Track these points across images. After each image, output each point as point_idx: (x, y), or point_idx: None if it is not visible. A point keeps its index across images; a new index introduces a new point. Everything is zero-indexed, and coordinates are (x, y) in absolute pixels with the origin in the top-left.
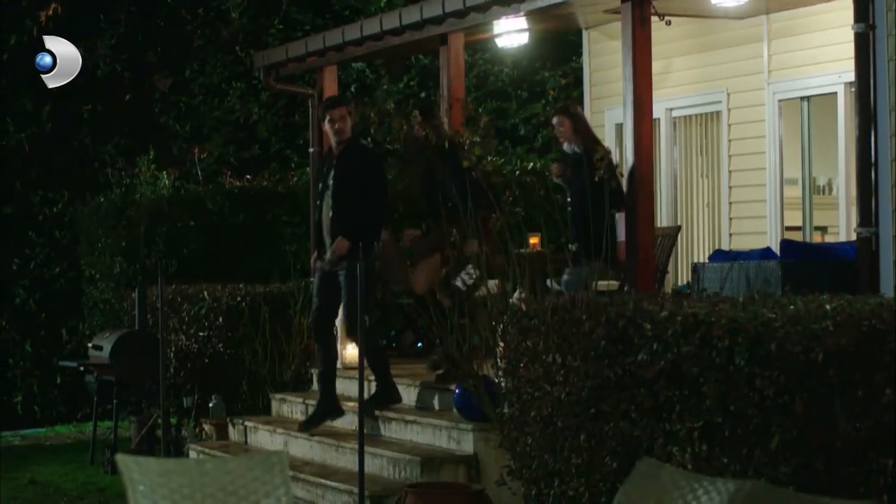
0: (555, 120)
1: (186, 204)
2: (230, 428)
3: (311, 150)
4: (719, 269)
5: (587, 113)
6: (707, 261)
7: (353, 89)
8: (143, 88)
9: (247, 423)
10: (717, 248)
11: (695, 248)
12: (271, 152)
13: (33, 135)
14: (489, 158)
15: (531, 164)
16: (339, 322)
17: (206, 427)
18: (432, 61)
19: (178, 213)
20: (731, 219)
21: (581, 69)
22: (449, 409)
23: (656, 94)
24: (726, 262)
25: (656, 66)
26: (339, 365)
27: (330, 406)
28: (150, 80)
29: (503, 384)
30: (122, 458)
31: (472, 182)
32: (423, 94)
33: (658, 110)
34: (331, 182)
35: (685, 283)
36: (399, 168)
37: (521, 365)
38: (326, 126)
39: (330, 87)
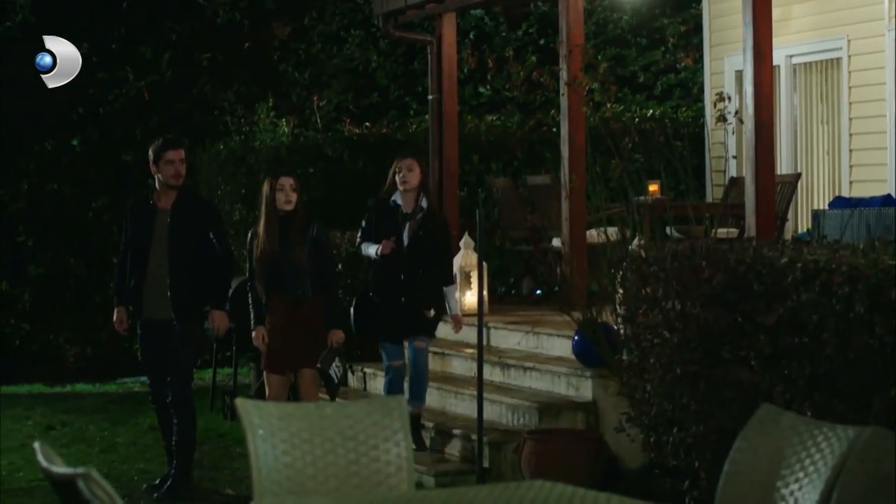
0: (406, 162)
1: (306, 151)
2: (349, 374)
3: (430, 97)
4: (839, 217)
5: (706, 59)
6: (827, 208)
7: (471, 36)
8: (262, 36)
9: (366, 369)
10: (837, 195)
11: (815, 196)
12: (390, 99)
13: (153, 83)
14: (608, 105)
15: (650, 111)
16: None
17: None
18: (551, 8)
19: (298, 161)
20: (851, 166)
21: (700, 15)
22: (568, 356)
23: (776, 41)
24: (846, 210)
25: (776, 12)
26: (460, 311)
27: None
28: (269, 28)
29: (622, 331)
30: (241, 402)
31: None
32: (541, 41)
33: (778, 57)
34: (165, 237)
35: (805, 230)
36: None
37: (640, 311)
38: (163, 169)
39: (449, 35)
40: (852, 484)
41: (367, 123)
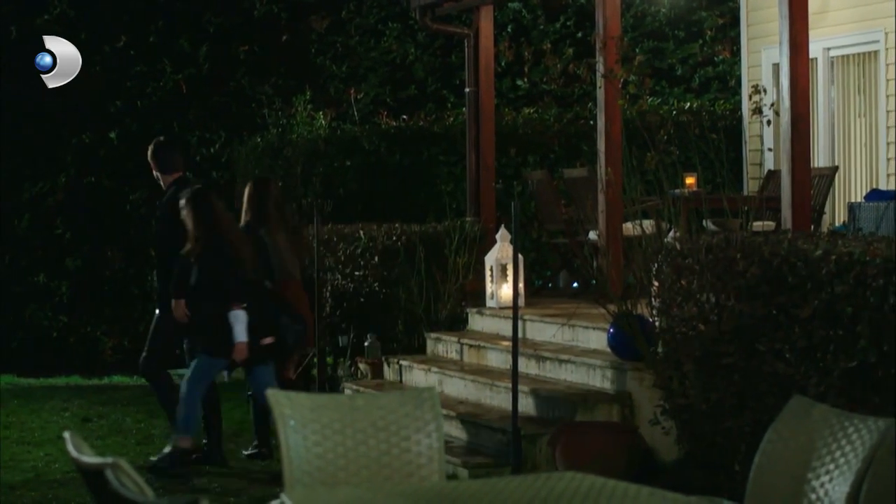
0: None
1: (343, 144)
2: (385, 367)
3: (467, 90)
4: (875, 209)
5: (743, 52)
6: (863, 200)
7: (508, 29)
8: (299, 29)
9: (402, 361)
10: (873, 187)
11: (852, 189)
12: (427, 92)
13: (190, 75)
14: (645, 98)
15: (688, 104)
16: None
17: (362, 366)
18: (589, 1)
19: (335, 154)
20: (888, 159)
21: (738, 8)
22: (603, 349)
23: (813, 34)
24: (882, 202)
25: (814, 4)
26: (495, 305)
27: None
28: (306, 21)
29: (657, 323)
30: (272, 393)
31: None
32: (579, 35)
33: (815, 50)
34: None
35: (842, 223)
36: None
37: (676, 304)
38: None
39: (486, 27)
40: (883, 475)
41: (405, 116)
